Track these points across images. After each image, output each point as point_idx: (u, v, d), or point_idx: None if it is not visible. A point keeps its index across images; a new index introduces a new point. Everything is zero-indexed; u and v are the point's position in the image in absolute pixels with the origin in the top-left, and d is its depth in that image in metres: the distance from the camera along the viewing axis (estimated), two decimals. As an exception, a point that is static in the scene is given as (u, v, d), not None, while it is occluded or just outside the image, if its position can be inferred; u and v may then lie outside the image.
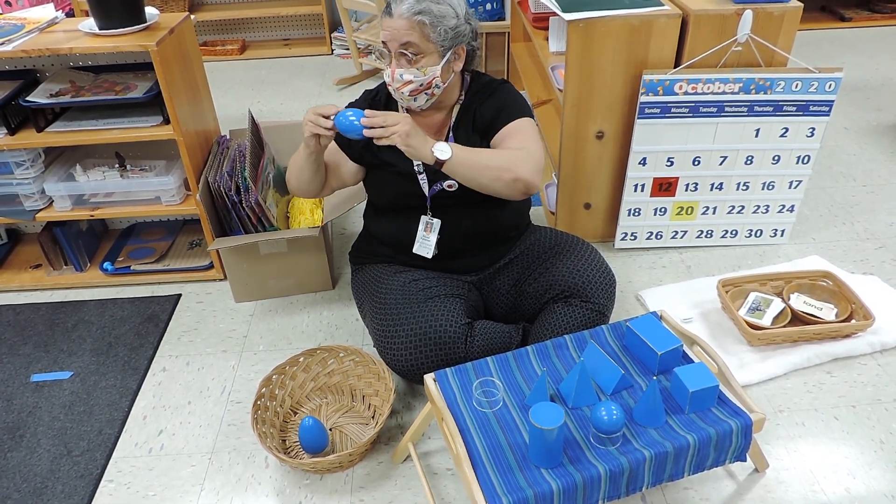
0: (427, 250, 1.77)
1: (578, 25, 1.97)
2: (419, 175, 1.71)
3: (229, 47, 4.46)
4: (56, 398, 1.88)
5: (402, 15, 1.54)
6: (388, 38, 1.57)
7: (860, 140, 3.04)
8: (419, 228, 1.76)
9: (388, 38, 1.57)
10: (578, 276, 1.72)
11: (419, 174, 1.71)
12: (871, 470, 1.59)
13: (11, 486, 1.64)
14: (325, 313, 2.16)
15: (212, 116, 2.40)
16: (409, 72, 1.57)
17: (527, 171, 1.54)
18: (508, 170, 1.53)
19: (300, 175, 1.69)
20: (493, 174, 1.53)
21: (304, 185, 1.73)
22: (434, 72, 1.58)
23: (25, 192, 2.16)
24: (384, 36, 1.58)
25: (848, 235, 2.40)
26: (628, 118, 2.14)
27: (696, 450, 1.31)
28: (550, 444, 1.24)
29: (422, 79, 1.58)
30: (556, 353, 1.54)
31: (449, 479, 1.61)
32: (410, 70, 1.57)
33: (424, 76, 1.58)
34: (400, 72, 1.57)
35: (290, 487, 1.61)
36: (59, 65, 2.20)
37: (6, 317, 2.20)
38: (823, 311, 1.96)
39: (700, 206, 2.26)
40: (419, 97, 1.62)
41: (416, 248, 1.77)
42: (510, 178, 1.53)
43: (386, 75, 1.62)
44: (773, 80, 2.01)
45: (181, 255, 2.39)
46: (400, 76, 1.58)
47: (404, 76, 1.57)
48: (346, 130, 1.49)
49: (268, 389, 1.74)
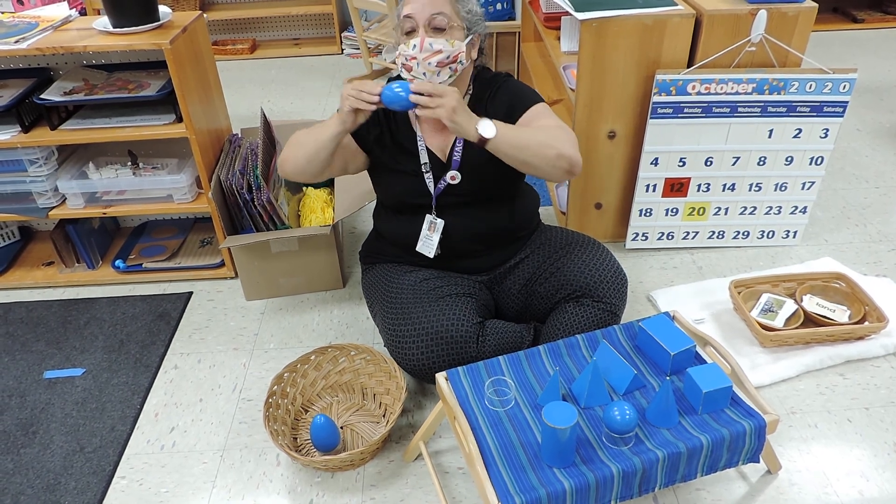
0: (429, 249, 1.76)
1: (591, 25, 1.97)
2: (426, 174, 1.71)
3: (240, 47, 4.47)
4: (69, 395, 1.89)
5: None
6: (417, 10, 1.55)
7: (873, 142, 3.02)
8: (423, 227, 1.75)
9: (415, 11, 1.55)
10: (590, 276, 1.72)
11: (426, 173, 1.71)
12: (885, 472, 1.58)
13: (25, 482, 1.65)
14: (336, 312, 2.16)
15: (224, 115, 2.40)
16: (438, 42, 1.54)
17: (569, 148, 1.53)
18: (551, 146, 1.51)
19: (315, 154, 1.60)
20: (537, 151, 1.51)
21: (313, 165, 1.63)
22: (461, 46, 1.57)
23: (39, 189, 2.17)
24: (410, 9, 1.56)
25: (861, 237, 2.39)
26: (640, 118, 2.13)
27: (709, 451, 1.31)
28: (563, 443, 1.24)
29: (450, 50, 1.55)
30: (569, 352, 1.54)
31: (460, 479, 1.61)
32: (439, 40, 1.54)
33: (453, 48, 1.56)
34: (430, 41, 1.54)
35: (301, 485, 1.62)
36: (72, 63, 2.22)
37: (19, 314, 2.22)
38: (836, 312, 1.95)
39: (712, 207, 2.26)
40: (443, 71, 1.57)
41: (419, 246, 1.77)
42: (554, 155, 1.51)
43: (408, 48, 1.55)
44: (786, 80, 2.00)
45: (192, 253, 2.40)
46: (430, 45, 1.54)
47: (434, 45, 1.54)
48: (391, 102, 1.47)
49: (279, 387, 1.74)
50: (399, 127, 1.73)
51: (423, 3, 1.55)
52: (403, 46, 1.58)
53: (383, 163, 1.75)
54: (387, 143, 1.73)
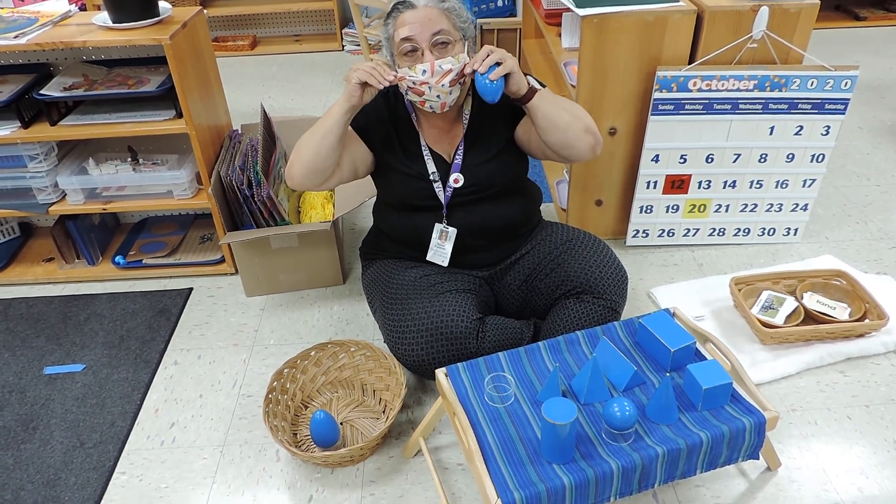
0: (443, 258, 1.76)
1: (592, 21, 1.97)
2: (434, 183, 1.70)
3: (240, 43, 4.47)
4: (69, 390, 1.89)
5: (429, 4, 1.54)
6: (417, 32, 1.52)
7: (874, 139, 3.02)
8: (433, 236, 1.74)
9: (415, 32, 1.52)
10: (590, 272, 1.72)
11: (434, 182, 1.70)
12: (884, 470, 1.58)
13: (25, 478, 1.65)
14: (336, 308, 2.16)
15: (224, 111, 2.40)
16: (446, 61, 1.53)
17: (593, 125, 1.59)
18: (581, 119, 1.57)
19: (322, 141, 1.55)
20: (569, 119, 1.56)
21: (321, 157, 1.56)
22: (465, 57, 1.55)
23: (39, 185, 2.17)
24: (409, 31, 1.52)
25: (862, 235, 2.38)
26: (641, 115, 2.13)
27: (708, 447, 1.31)
28: (563, 439, 1.24)
29: (458, 66, 1.54)
30: (568, 348, 1.54)
31: (460, 474, 1.61)
32: (447, 59, 1.53)
33: (459, 62, 1.54)
34: (439, 62, 1.52)
35: (301, 481, 1.62)
36: (72, 58, 2.21)
37: (19, 310, 2.22)
38: (837, 310, 1.94)
39: (713, 204, 2.25)
40: (454, 89, 1.56)
41: (431, 255, 1.76)
42: (582, 128, 1.57)
43: (416, 74, 1.53)
44: (788, 77, 1.99)
45: (193, 250, 2.40)
46: (440, 66, 1.52)
47: (443, 66, 1.52)
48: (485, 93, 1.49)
49: (279, 383, 1.74)
50: (403, 129, 1.72)
51: (421, 23, 1.52)
52: (408, 71, 1.54)
53: (390, 164, 1.73)
54: (395, 146, 1.72)
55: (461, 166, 1.70)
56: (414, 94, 1.57)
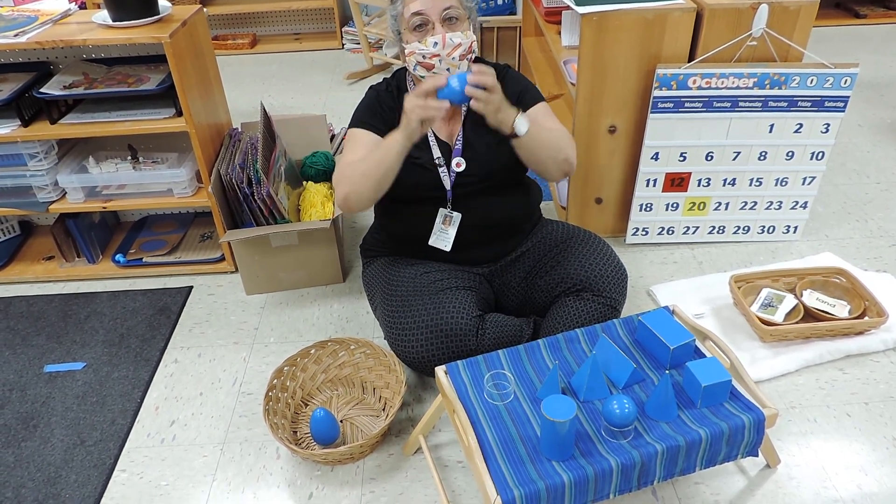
0: (445, 243, 1.76)
1: (592, 19, 1.97)
2: (440, 168, 1.71)
3: (240, 41, 4.47)
4: (69, 389, 1.90)
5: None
6: (428, 6, 1.57)
7: (874, 137, 3.02)
8: (437, 220, 1.75)
9: (426, 7, 1.57)
10: (590, 270, 1.72)
11: (440, 167, 1.71)
12: (884, 467, 1.58)
13: (26, 476, 1.66)
14: (336, 306, 2.16)
15: (224, 109, 2.40)
16: (456, 35, 1.58)
17: (572, 153, 1.66)
18: (561, 150, 1.62)
19: (384, 177, 1.58)
20: (551, 153, 1.61)
21: (382, 190, 1.61)
22: (472, 35, 1.61)
23: (39, 183, 2.17)
24: (420, 5, 1.57)
25: (861, 232, 2.39)
26: (641, 113, 2.13)
27: (707, 444, 1.31)
28: (562, 436, 1.24)
29: (466, 41, 1.59)
30: (568, 346, 1.54)
31: (459, 472, 1.61)
32: (456, 33, 1.58)
33: (467, 38, 1.59)
34: (450, 35, 1.57)
35: (301, 478, 1.62)
36: (72, 57, 2.21)
37: (19, 308, 2.22)
38: (836, 307, 1.95)
39: (712, 202, 2.25)
40: (462, 63, 1.60)
41: (433, 240, 1.77)
42: (562, 158, 1.63)
43: (427, 46, 1.56)
44: (787, 75, 1.99)
45: (193, 248, 2.40)
46: (451, 39, 1.57)
47: (454, 39, 1.57)
48: (447, 96, 1.47)
49: (279, 381, 1.74)
50: None
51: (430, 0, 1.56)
52: (419, 45, 1.58)
53: None
54: None
55: (462, 150, 1.70)
56: (423, 68, 1.60)
